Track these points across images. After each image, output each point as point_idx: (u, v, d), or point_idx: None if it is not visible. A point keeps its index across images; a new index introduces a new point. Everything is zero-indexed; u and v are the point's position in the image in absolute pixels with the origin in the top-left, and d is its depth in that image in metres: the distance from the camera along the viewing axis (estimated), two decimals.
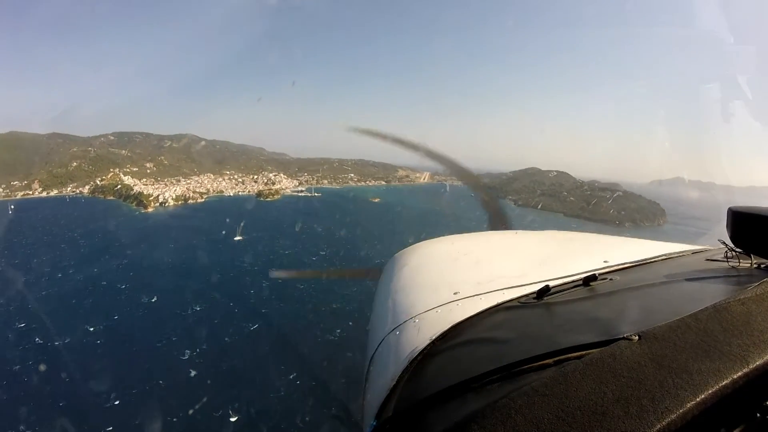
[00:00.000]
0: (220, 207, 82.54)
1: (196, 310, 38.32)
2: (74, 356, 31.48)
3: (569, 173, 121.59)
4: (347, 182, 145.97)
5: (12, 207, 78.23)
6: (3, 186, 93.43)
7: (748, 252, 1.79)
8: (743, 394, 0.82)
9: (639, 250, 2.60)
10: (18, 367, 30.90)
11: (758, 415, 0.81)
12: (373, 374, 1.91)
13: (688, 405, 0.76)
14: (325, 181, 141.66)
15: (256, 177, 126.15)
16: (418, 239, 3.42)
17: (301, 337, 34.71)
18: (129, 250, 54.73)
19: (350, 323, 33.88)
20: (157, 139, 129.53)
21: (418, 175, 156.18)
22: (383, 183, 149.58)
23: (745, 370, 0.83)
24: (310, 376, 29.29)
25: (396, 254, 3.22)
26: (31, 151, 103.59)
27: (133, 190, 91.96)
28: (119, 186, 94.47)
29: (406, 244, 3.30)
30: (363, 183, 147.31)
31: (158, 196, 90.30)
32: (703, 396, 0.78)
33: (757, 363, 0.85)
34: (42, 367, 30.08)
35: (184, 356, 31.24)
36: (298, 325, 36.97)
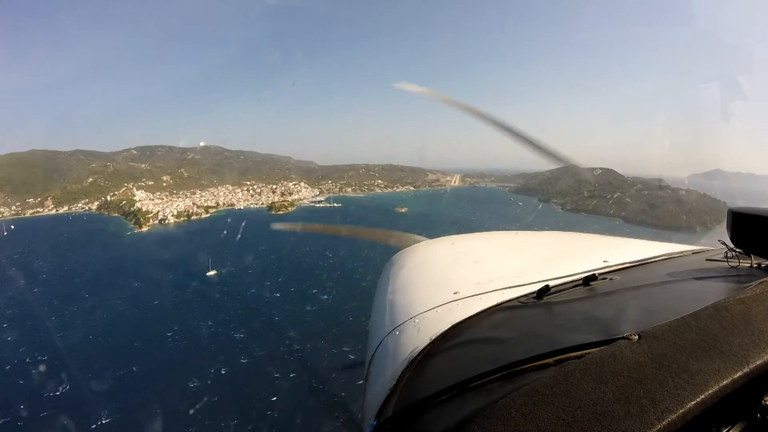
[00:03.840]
0: (221, 225, 73.56)
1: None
2: None
3: (615, 170, 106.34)
4: (373, 189, 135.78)
5: (12, 227, 74.80)
6: (18, 204, 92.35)
7: (748, 252, 1.80)
8: (743, 393, 0.82)
9: (639, 250, 2.59)
10: None
11: (758, 414, 0.82)
12: (373, 374, 1.91)
13: (689, 404, 0.76)
14: (349, 189, 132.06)
15: (274, 187, 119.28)
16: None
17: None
18: (84, 293, 46.04)
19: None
20: (180, 152, 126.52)
21: (448, 178, 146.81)
22: (412, 188, 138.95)
23: (745, 369, 0.83)
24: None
25: (396, 254, 3.18)
26: (51, 168, 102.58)
27: (134, 206, 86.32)
28: (124, 202, 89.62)
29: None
30: (390, 189, 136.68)
31: (158, 212, 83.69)
32: (703, 395, 0.78)
33: (757, 362, 0.84)
34: None
35: None
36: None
